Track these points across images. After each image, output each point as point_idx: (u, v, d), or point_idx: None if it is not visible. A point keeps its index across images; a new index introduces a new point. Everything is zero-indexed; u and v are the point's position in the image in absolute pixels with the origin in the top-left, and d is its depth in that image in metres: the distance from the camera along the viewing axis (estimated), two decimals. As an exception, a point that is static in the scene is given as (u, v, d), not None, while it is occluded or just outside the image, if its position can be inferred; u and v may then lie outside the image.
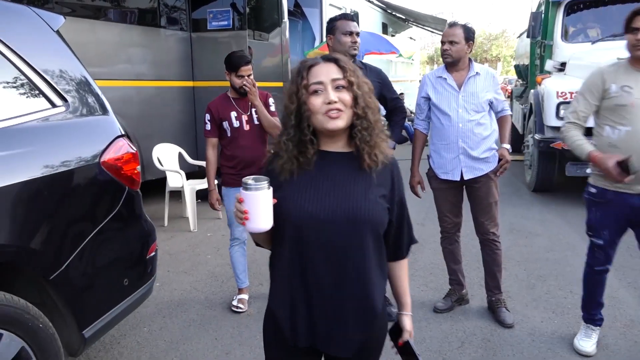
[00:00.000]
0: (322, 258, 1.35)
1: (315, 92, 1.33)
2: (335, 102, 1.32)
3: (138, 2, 5.75)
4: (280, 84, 7.05)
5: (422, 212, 5.13)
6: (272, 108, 3.26)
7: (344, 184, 1.37)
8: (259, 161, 3.13)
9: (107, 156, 2.14)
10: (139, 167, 2.32)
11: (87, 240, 2.02)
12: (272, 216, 1.30)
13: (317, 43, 9.07)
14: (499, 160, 3.04)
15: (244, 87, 3.10)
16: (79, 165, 2.03)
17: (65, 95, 2.06)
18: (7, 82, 1.92)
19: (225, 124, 3.17)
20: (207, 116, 3.22)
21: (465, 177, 3.05)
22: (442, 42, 3.00)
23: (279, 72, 7.01)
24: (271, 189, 1.29)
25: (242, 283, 3.33)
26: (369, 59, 10.40)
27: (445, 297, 3.37)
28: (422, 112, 3.19)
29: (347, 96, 1.34)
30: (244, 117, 3.18)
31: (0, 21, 1.92)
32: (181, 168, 5.43)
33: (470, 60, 3.05)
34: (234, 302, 3.30)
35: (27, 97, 1.96)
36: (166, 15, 6.09)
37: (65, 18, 2.28)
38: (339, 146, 1.40)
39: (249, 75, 3.12)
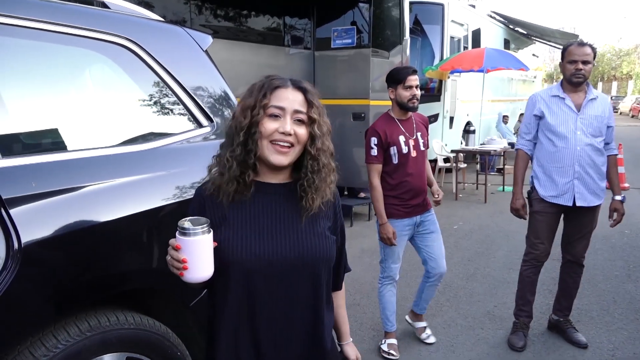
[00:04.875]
0: (272, 302, 1.25)
1: (273, 115, 1.23)
2: (290, 134, 1.22)
3: (266, 22, 5.90)
4: (398, 103, 6.86)
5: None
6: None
7: (290, 219, 1.28)
8: (425, 192, 2.94)
9: (248, 179, 2.07)
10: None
11: (225, 266, 1.95)
12: (212, 262, 1.16)
13: (436, 61, 8.75)
14: (611, 209, 2.96)
15: (414, 99, 2.80)
16: (222, 188, 1.97)
17: (211, 116, 2.02)
18: (161, 103, 1.91)
19: (393, 149, 2.82)
20: (374, 140, 2.83)
21: (578, 204, 2.89)
22: (574, 62, 2.81)
23: (399, 91, 6.85)
24: (212, 232, 1.15)
25: (391, 326, 3.04)
26: (492, 76, 9.86)
27: (515, 332, 3.13)
28: (530, 132, 3.03)
29: (303, 132, 1.25)
30: (411, 142, 2.86)
31: (157, 41, 1.92)
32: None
33: (587, 82, 2.89)
34: (384, 348, 3.01)
35: (177, 117, 1.94)
36: (291, 34, 6.19)
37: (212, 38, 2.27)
38: (279, 178, 1.30)
39: (417, 87, 2.82)
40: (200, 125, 1.99)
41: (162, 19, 2.14)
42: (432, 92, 8.92)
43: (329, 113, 1.34)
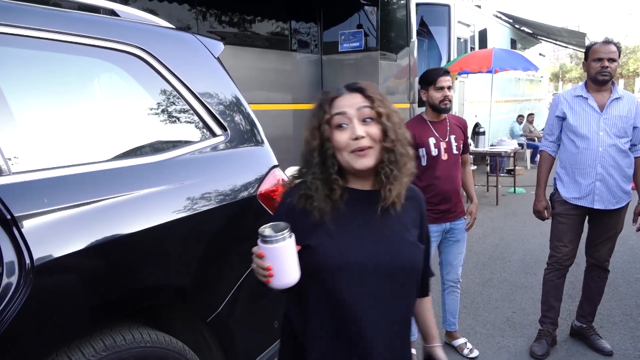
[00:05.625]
0: (364, 310, 1.24)
1: (340, 126, 1.22)
2: (363, 137, 1.20)
3: (272, 27, 5.85)
4: (407, 105, 6.82)
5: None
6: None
7: (381, 227, 1.26)
8: (456, 194, 2.88)
9: (264, 188, 2.01)
10: (292, 200, 2.17)
11: (241, 279, 1.88)
12: (298, 266, 1.16)
13: (444, 63, 8.68)
14: (636, 212, 2.89)
15: (445, 100, 2.74)
16: (237, 199, 1.91)
17: (225, 124, 1.96)
18: (174, 112, 1.86)
19: (422, 151, 2.76)
20: None
21: (596, 207, 2.83)
22: (599, 59, 2.74)
23: (407, 93, 6.79)
24: (293, 236, 1.14)
25: (411, 336, 2.99)
26: (500, 76, 9.78)
27: (538, 340, 3.04)
28: (553, 133, 2.96)
29: (375, 129, 1.22)
30: (443, 145, 2.79)
31: (168, 49, 1.87)
32: (309, 192, 5.34)
33: (612, 82, 2.81)
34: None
35: (190, 127, 1.89)
36: (298, 38, 6.14)
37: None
38: (367, 184, 1.29)
39: (449, 88, 2.77)
40: (213, 134, 1.93)
41: (173, 26, 2.08)
42: (440, 94, 8.85)
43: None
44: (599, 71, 2.74)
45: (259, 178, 2.01)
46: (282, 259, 1.13)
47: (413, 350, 3.02)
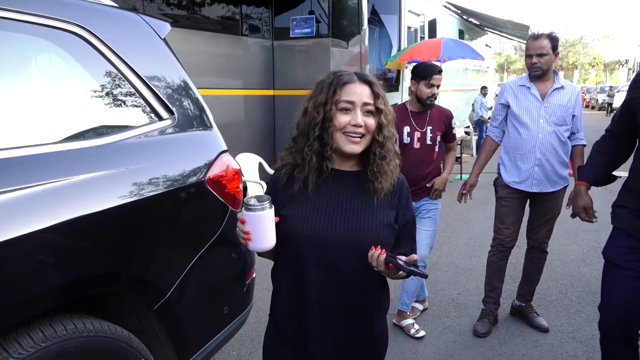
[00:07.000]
0: (327, 277, 1.36)
1: (344, 109, 1.34)
2: (361, 125, 1.33)
3: (222, 11, 5.73)
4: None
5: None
6: (455, 131, 3.16)
7: (353, 204, 1.38)
8: (421, 181, 2.97)
9: (212, 173, 1.98)
10: (242, 185, 2.15)
11: (189, 266, 1.86)
12: (274, 234, 1.30)
13: (394, 51, 8.78)
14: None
15: (432, 97, 2.93)
16: (185, 184, 1.87)
17: (172, 108, 1.91)
18: (117, 95, 1.79)
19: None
20: None
21: (533, 190, 2.98)
22: (529, 56, 2.89)
23: (359, 81, 6.83)
24: (273, 207, 1.28)
25: None
26: (448, 66, 10.00)
27: (481, 319, 3.20)
28: (497, 119, 3.11)
29: (372, 122, 1.36)
30: (417, 134, 2.98)
31: (111, 28, 1.80)
32: (261, 178, 5.31)
33: (555, 71, 2.94)
34: None
35: (134, 110, 1.83)
36: (249, 23, 6.03)
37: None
38: (348, 165, 1.42)
39: (438, 87, 2.95)
40: (160, 117, 1.88)
41: (116, 5, 2.00)
42: (390, 82, 8.96)
43: (289, 104, 1.35)
44: (529, 67, 2.92)
45: (208, 163, 1.98)
46: (259, 226, 1.26)
47: (409, 320, 3.13)
